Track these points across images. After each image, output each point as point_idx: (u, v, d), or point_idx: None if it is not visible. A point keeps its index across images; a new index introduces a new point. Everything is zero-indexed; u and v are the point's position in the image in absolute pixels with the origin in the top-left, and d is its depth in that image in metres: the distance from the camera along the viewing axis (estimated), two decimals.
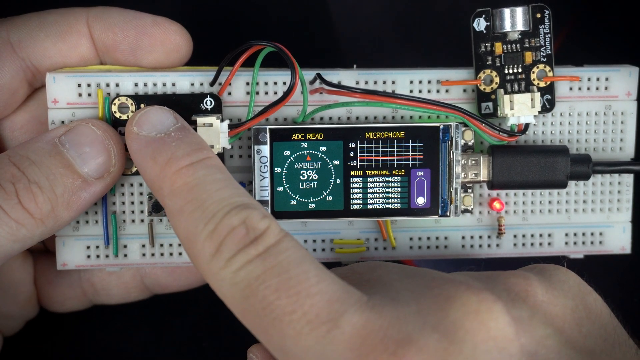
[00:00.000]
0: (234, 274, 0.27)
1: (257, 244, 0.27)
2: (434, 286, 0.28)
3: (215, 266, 0.27)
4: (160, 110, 0.32)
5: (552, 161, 0.36)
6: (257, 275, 0.27)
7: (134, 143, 0.31)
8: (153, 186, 0.31)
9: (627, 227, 0.38)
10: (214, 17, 0.44)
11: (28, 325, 0.41)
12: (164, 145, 0.31)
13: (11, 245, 0.32)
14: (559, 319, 0.28)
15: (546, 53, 0.36)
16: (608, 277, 0.42)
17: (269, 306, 0.26)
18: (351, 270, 0.31)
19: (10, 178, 0.31)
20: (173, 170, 0.30)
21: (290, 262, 0.27)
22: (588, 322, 0.29)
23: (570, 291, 0.30)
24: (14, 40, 0.34)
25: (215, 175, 0.30)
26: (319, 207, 0.35)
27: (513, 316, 0.27)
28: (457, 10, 0.43)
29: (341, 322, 0.26)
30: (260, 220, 0.28)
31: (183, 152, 0.30)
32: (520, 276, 0.29)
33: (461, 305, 0.27)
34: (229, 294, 0.27)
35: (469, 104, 0.36)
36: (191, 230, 0.28)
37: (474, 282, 0.28)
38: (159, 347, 0.46)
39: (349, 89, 0.34)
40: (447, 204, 0.36)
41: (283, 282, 0.26)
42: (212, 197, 0.29)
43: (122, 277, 0.39)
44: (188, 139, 0.31)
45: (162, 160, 0.30)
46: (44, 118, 0.35)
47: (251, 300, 0.27)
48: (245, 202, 0.29)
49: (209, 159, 0.30)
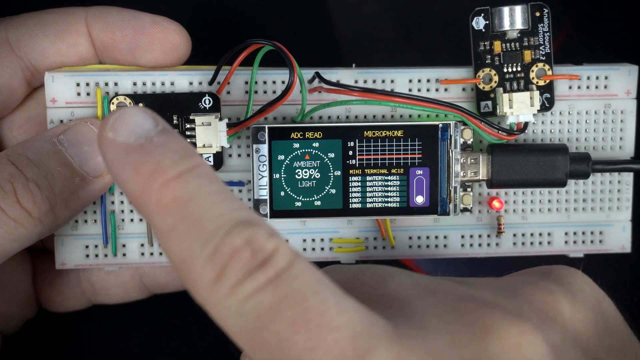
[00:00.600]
0: (241, 303, 0.24)
1: (267, 269, 0.24)
2: (464, 310, 0.25)
3: (217, 294, 0.24)
4: (137, 110, 0.27)
5: (551, 160, 0.36)
6: (269, 306, 0.23)
7: (110, 151, 0.27)
8: (135, 201, 0.26)
9: (627, 225, 0.38)
10: (212, 16, 0.44)
11: (27, 325, 0.41)
12: (146, 153, 0.26)
13: (10, 244, 0.32)
14: (585, 336, 0.27)
15: (545, 52, 0.36)
16: (608, 276, 0.42)
17: (285, 342, 0.23)
18: (358, 281, 0.28)
19: (8, 177, 0.31)
20: (160, 182, 0.25)
21: (305, 289, 0.24)
22: (607, 334, 0.28)
23: (589, 301, 0.28)
24: (13, 39, 0.34)
25: (210, 186, 0.26)
26: (318, 206, 0.35)
27: (549, 344, 0.25)
28: (456, 9, 0.43)
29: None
30: (267, 239, 0.24)
31: (169, 161, 0.26)
32: (546, 291, 0.28)
33: (500, 337, 0.25)
34: (236, 326, 0.24)
35: (468, 103, 0.36)
36: (186, 252, 0.25)
37: (503, 302, 0.26)
38: (159, 347, 0.46)
39: (347, 88, 0.34)
40: (446, 203, 0.36)
41: (300, 314, 0.23)
42: (208, 213, 0.25)
43: (121, 277, 0.39)
44: (173, 144, 0.27)
45: (146, 171, 0.26)
46: (42, 117, 0.35)
47: (263, 334, 0.24)
48: (247, 218, 0.25)
49: (200, 166, 0.26)
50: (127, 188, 0.26)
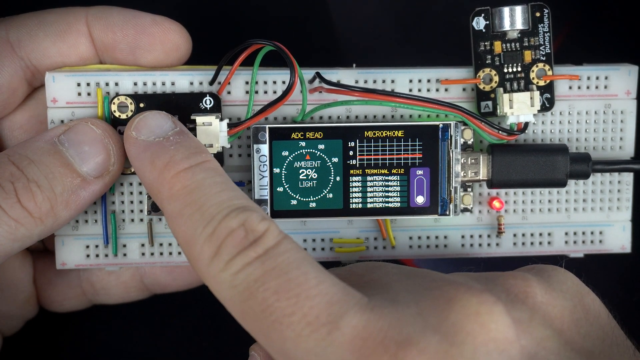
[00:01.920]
0: (233, 276, 0.27)
1: (256, 246, 0.27)
2: (434, 287, 0.28)
3: (214, 269, 0.27)
4: (158, 114, 0.33)
5: (551, 160, 0.36)
6: (256, 278, 0.27)
7: (133, 147, 0.32)
8: (151, 190, 0.31)
9: (627, 226, 0.38)
10: (213, 16, 0.44)
11: (27, 325, 0.41)
12: (162, 149, 0.31)
13: (10, 244, 0.32)
14: (558, 320, 0.28)
15: (545, 52, 0.36)
16: (608, 276, 0.42)
17: (268, 308, 0.26)
18: (350, 272, 0.31)
19: (9, 177, 0.31)
20: (172, 173, 0.30)
21: (289, 263, 0.27)
22: (586, 323, 0.29)
23: (569, 292, 0.29)
24: (14, 39, 0.34)
25: (214, 178, 0.30)
26: (319, 206, 0.35)
27: (513, 318, 0.27)
28: (456, 9, 0.43)
29: (341, 324, 0.26)
30: (259, 222, 0.28)
31: (181, 156, 0.30)
32: (519, 277, 0.29)
33: (462, 307, 0.27)
34: (228, 297, 0.27)
35: (468, 103, 0.36)
36: (190, 233, 0.28)
37: (473, 283, 0.28)
38: (159, 347, 0.46)
39: (348, 88, 0.34)
40: (446, 203, 0.36)
41: (282, 284, 0.26)
42: (211, 200, 0.29)
43: (121, 277, 0.39)
44: (187, 142, 0.31)
45: (161, 164, 0.30)
46: (43, 117, 0.35)
47: (250, 302, 0.26)
48: (244, 205, 0.29)
49: (208, 162, 0.30)
50: (145, 178, 0.31)
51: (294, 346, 0.26)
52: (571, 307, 0.29)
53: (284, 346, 0.26)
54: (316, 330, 0.26)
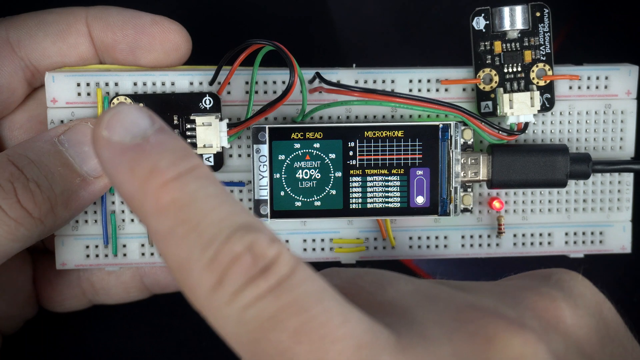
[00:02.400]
0: (242, 311, 0.23)
1: (268, 276, 0.23)
2: (466, 320, 0.25)
3: (217, 301, 0.24)
4: (133, 109, 0.26)
5: (551, 160, 0.36)
6: (270, 315, 0.23)
7: (104, 151, 0.26)
8: (132, 203, 0.25)
9: (627, 226, 0.38)
10: (213, 16, 0.44)
11: (27, 325, 0.41)
12: (142, 153, 0.25)
13: (10, 244, 0.32)
14: (586, 343, 0.27)
15: (545, 52, 0.36)
16: (608, 276, 0.42)
17: (286, 353, 0.23)
18: (357, 287, 0.27)
19: (9, 177, 0.31)
20: (157, 184, 0.25)
21: (309, 297, 0.23)
22: (609, 340, 0.28)
23: (590, 306, 0.28)
24: (13, 39, 0.34)
25: (208, 188, 0.25)
26: (318, 206, 0.35)
27: (552, 353, 0.25)
28: (456, 9, 0.43)
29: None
30: (269, 245, 0.24)
31: (167, 162, 0.25)
32: (547, 298, 0.27)
33: (504, 348, 0.24)
34: (236, 335, 0.24)
35: (468, 103, 0.36)
36: (184, 257, 0.24)
37: (504, 309, 0.26)
38: (159, 347, 0.46)
39: (348, 88, 0.34)
40: (446, 203, 0.36)
41: (303, 323, 0.23)
42: (208, 217, 0.24)
43: (121, 277, 0.39)
44: (171, 144, 0.26)
45: (142, 172, 0.25)
46: (43, 117, 0.35)
47: (264, 344, 0.23)
48: (248, 223, 0.24)
49: (198, 168, 0.25)
50: (123, 189, 0.26)
51: None
52: (596, 325, 0.28)
53: None
54: None
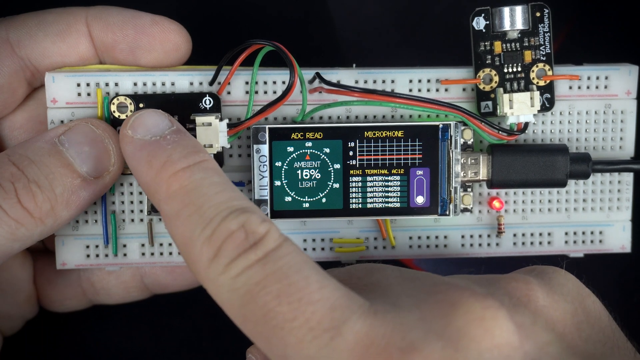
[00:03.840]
0: (233, 279, 0.26)
1: (257, 249, 0.27)
2: (437, 291, 0.27)
3: (213, 271, 0.27)
4: (155, 113, 0.32)
5: (551, 160, 0.36)
6: (257, 281, 0.26)
7: (128, 146, 0.31)
8: (148, 190, 0.30)
9: (627, 225, 0.38)
10: (213, 16, 0.44)
11: (28, 325, 0.41)
12: (159, 148, 0.30)
13: (10, 244, 0.32)
14: (559, 324, 0.28)
15: (545, 52, 0.36)
16: (608, 276, 0.42)
17: (269, 313, 0.26)
18: (349, 274, 0.30)
19: (9, 177, 0.31)
20: (169, 173, 0.29)
21: (290, 267, 0.26)
22: (587, 326, 0.29)
23: (570, 294, 0.29)
24: (13, 39, 0.34)
25: (213, 178, 0.29)
26: (319, 206, 0.35)
27: (516, 323, 0.27)
28: (456, 9, 0.43)
29: (344, 330, 0.25)
30: (260, 224, 0.27)
31: (179, 155, 0.30)
32: (521, 280, 0.29)
33: (465, 311, 0.26)
34: (228, 300, 0.27)
35: (468, 103, 0.36)
36: (188, 234, 0.28)
37: (476, 287, 0.28)
38: (159, 347, 0.46)
39: (348, 88, 0.34)
40: (446, 203, 0.36)
41: (284, 288, 0.26)
42: (209, 201, 0.28)
43: (121, 277, 0.39)
44: (184, 141, 0.31)
45: (158, 163, 0.30)
46: (43, 117, 0.35)
47: (251, 306, 0.26)
48: (244, 206, 0.28)
49: (206, 161, 0.30)
50: (141, 178, 0.30)
51: (295, 352, 0.26)
52: (572, 310, 0.29)
53: (285, 352, 0.26)
54: (318, 336, 0.25)
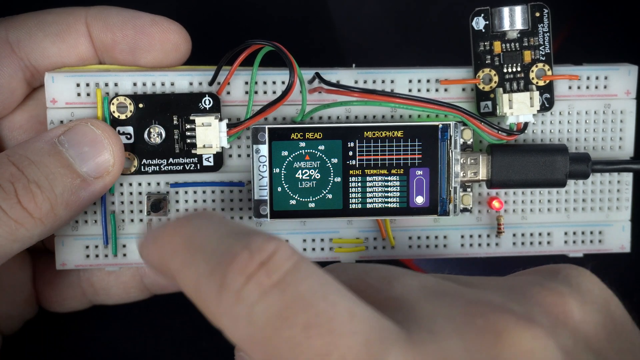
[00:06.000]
0: (250, 309, 0.23)
1: (269, 271, 0.24)
2: (474, 314, 0.25)
3: (225, 304, 0.24)
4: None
5: (551, 160, 0.36)
6: (278, 311, 0.23)
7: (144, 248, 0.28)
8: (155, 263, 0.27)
9: (627, 225, 0.38)
10: (213, 16, 0.44)
11: (27, 325, 0.41)
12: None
13: (10, 244, 0.32)
14: (594, 339, 0.27)
15: (545, 52, 0.36)
16: (607, 276, 0.42)
17: (298, 348, 0.23)
18: (363, 283, 0.28)
19: (9, 177, 0.31)
20: (170, 228, 0.26)
21: (314, 293, 0.23)
22: (617, 337, 0.28)
23: (597, 302, 0.28)
24: (13, 39, 0.34)
25: (211, 219, 0.26)
26: (318, 207, 0.35)
27: (562, 349, 0.25)
28: (456, 9, 0.43)
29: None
30: (265, 241, 0.24)
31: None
32: (555, 293, 0.27)
33: (513, 343, 0.24)
34: (249, 335, 0.23)
35: (468, 103, 0.36)
36: (194, 277, 0.25)
37: (513, 305, 0.26)
38: (159, 347, 0.46)
39: (347, 88, 0.34)
40: (446, 203, 0.36)
41: (311, 319, 0.23)
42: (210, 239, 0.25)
43: (121, 277, 0.39)
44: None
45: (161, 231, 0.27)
46: (42, 118, 0.35)
47: (275, 341, 0.23)
48: (246, 230, 0.25)
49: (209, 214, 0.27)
50: (148, 256, 0.27)
51: None
52: (603, 322, 0.28)
53: None
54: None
